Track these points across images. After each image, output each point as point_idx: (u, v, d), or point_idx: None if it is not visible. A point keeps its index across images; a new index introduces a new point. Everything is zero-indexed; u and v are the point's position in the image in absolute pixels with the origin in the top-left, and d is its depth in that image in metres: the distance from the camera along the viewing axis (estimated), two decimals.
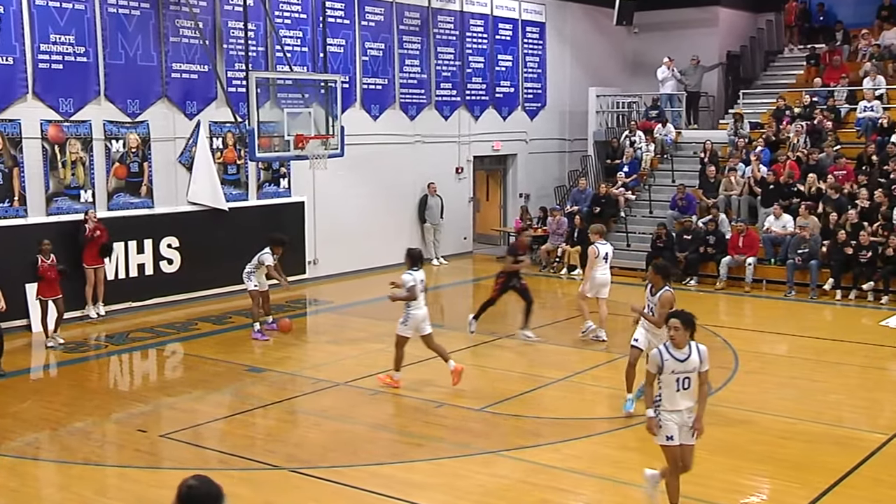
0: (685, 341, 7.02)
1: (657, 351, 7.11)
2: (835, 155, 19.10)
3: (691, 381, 7.05)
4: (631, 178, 21.36)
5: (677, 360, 6.99)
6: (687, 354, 7.02)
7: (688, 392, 7.07)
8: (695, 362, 7.03)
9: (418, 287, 10.79)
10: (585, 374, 11.81)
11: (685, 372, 7.00)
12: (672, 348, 7.01)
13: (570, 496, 8.03)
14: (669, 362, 6.98)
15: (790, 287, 17.09)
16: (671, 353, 7.00)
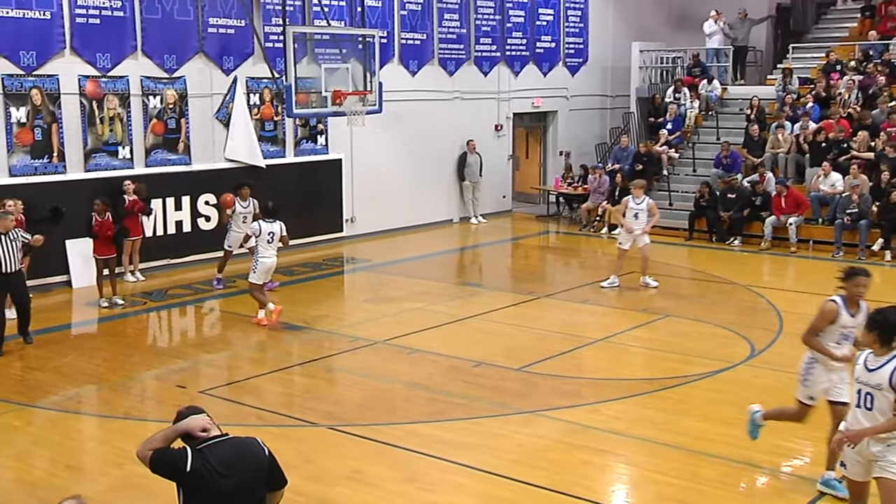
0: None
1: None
2: (889, 111, 18.53)
3: (875, 399, 5.61)
4: (674, 135, 20.95)
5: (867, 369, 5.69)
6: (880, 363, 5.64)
7: (870, 414, 5.65)
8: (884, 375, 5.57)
9: (264, 237, 11.94)
10: (625, 334, 11.63)
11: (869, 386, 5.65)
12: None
13: (610, 457, 7.91)
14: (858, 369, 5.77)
15: (838, 247, 16.70)
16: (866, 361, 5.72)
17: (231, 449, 4.48)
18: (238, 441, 4.56)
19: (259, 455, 4.54)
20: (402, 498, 7.00)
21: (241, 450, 4.52)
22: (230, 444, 4.50)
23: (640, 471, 7.69)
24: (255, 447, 4.58)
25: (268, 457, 4.57)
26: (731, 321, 12.21)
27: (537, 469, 7.52)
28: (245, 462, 4.47)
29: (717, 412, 8.80)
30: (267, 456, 4.56)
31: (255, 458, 4.52)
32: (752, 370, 10.19)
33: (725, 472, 7.45)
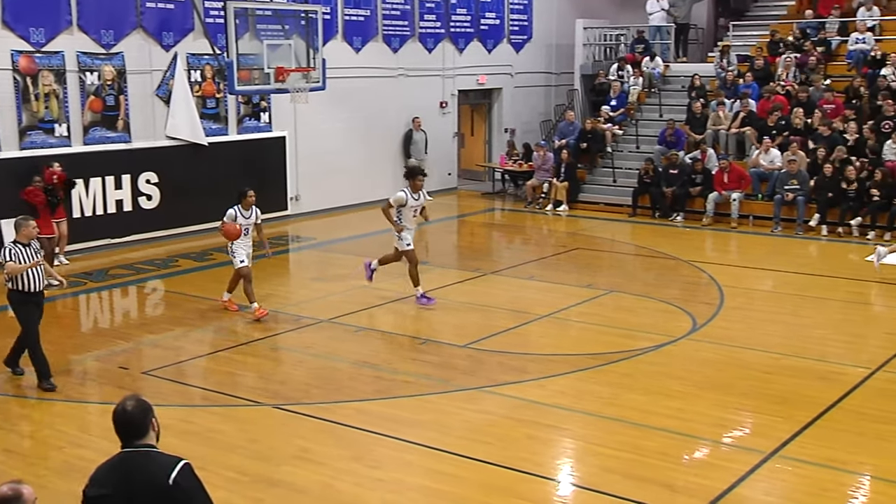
0: None
1: None
2: (824, 88, 18.88)
3: None
4: (618, 112, 21.11)
5: None
6: None
7: None
8: None
9: (242, 223, 11.28)
10: (570, 310, 11.73)
11: None
12: None
13: (556, 431, 7.99)
14: None
15: (776, 222, 17.02)
16: None
17: (112, 471, 4.03)
18: (131, 458, 4.04)
19: (154, 479, 3.96)
20: (349, 476, 7.00)
21: (129, 468, 4.01)
22: (119, 460, 4.05)
23: (585, 444, 7.78)
24: (153, 469, 3.98)
25: (171, 485, 3.93)
26: (673, 296, 12.39)
27: (483, 444, 7.57)
28: (124, 482, 3.97)
29: (660, 386, 8.94)
30: (169, 484, 3.93)
31: (143, 480, 3.98)
32: (694, 344, 10.36)
33: (668, 443, 7.57)
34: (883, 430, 7.78)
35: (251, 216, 11.39)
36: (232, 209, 11.28)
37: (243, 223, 11.29)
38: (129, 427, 4.06)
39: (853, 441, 7.57)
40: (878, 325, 11.56)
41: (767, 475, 7.00)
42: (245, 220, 11.33)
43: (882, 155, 16.83)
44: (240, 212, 11.28)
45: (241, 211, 11.29)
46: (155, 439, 4.11)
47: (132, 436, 4.05)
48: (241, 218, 11.27)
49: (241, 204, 11.31)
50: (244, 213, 11.31)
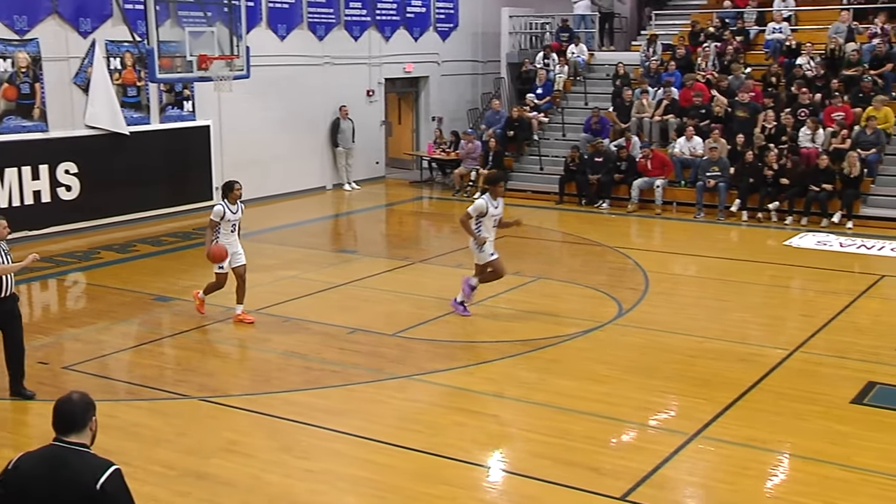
0: None
1: None
2: (744, 77, 19.31)
3: None
4: (544, 100, 21.27)
5: None
6: None
7: None
8: None
9: (231, 219, 10.39)
10: (499, 297, 11.80)
11: None
12: None
13: (484, 418, 8.04)
14: None
15: (699, 209, 17.37)
16: None
17: (40, 462, 3.91)
18: (62, 453, 3.90)
19: (81, 480, 3.83)
20: (279, 467, 6.95)
21: (58, 463, 3.87)
22: (49, 453, 3.93)
23: (514, 430, 7.86)
24: (82, 470, 3.85)
25: (98, 490, 3.79)
26: (600, 282, 12.56)
27: (413, 433, 7.59)
28: (50, 478, 3.84)
29: (588, 370, 9.06)
30: (96, 489, 3.79)
31: (70, 479, 3.85)
32: (620, 329, 10.52)
33: (595, 427, 7.68)
34: (800, 410, 8.02)
35: (238, 211, 10.49)
36: (219, 205, 10.40)
37: (231, 219, 10.40)
38: (68, 418, 3.96)
39: (772, 420, 7.79)
40: (795, 308, 11.90)
41: (691, 456, 7.16)
42: (233, 215, 10.41)
43: (798, 142, 17.29)
44: (227, 207, 10.33)
45: (229, 206, 10.34)
46: (90, 440, 4.01)
47: (68, 429, 3.95)
48: (228, 213, 10.33)
49: (227, 198, 10.39)
50: (231, 209, 10.37)
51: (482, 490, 6.79)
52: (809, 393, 8.44)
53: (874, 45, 18.66)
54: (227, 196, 10.43)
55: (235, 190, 10.41)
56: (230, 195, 10.40)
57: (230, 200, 10.40)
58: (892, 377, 8.82)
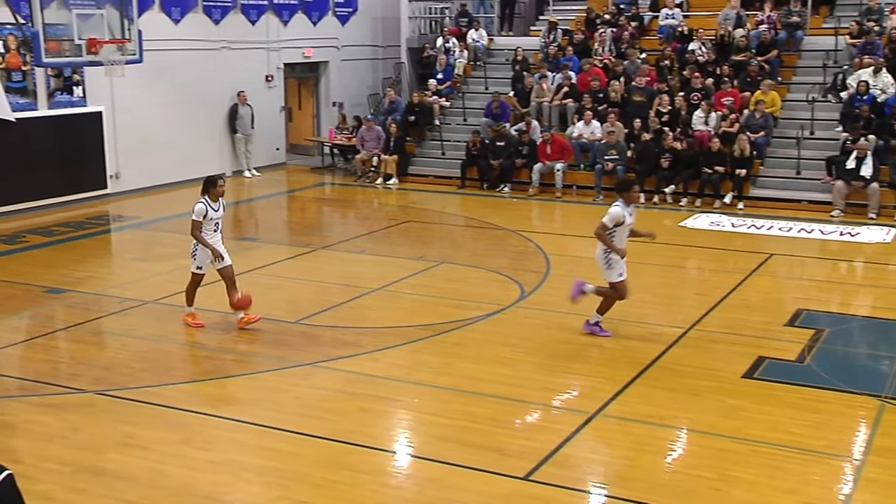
0: None
1: None
2: (639, 62, 19.70)
3: None
4: (445, 85, 21.31)
5: None
6: None
7: None
8: None
9: (213, 217, 9.69)
10: (402, 282, 11.82)
11: None
12: None
13: (389, 403, 8.04)
14: None
15: (598, 191, 17.68)
16: None
17: None
18: None
19: None
20: (179, 460, 6.82)
21: None
22: None
23: (418, 414, 7.88)
24: None
25: None
26: (502, 265, 12.68)
27: (317, 420, 7.54)
28: None
29: (491, 353, 9.15)
30: None
31: None
32: (522, 311, 10.65)
33: (498, 409, 7.77)
34: (696, 386, 8.26)
35: (220, 209, 9.74)
36: (200, 203, 9.56)
37: (214, 217, 9.63)
38: None
39: (669, 397, 8.00)
40: (690, 287, 12.24)
41: (592, 434, 7.31)
42: (215, 213, 9.66)
43: (692, 125, 17.75)
44: (209, 205, 9.58)
45: (210, 203, 9.60)
46: None
47: None
48: (210, 211, 9.57)
49: (208, 195, 9.62)
50: (213, 206, 9.63)
51: (387, 475, 6.80)
52: (704, 369, 8.70)
53: (761, 32, 19.27)
54: (208, 193, 9.63)
55: (218, 186, 9.64)
56: (212, 192, 9.62)
57: (212, 198, 9.61)
58: (781, 352, 9.17)
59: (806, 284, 12.31)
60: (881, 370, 8.66)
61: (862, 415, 7.64)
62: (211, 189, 9.65)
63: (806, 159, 17.09)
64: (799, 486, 6.38)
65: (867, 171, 15.82)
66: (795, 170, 17.13)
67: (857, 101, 17.02)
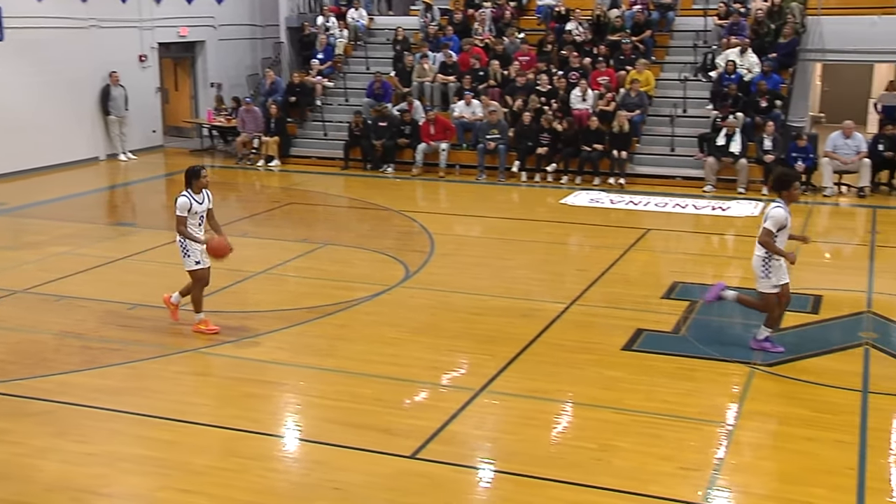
0: None
1: None
2: (519, 42, 19.92)
3: None
4: (326, 65, 21.07)
5: None
6: None
7: None
8: None
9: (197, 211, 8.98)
10: (286, 265, 11.68)
11: None
12: None
13: (275, 387, 7.95)
14: None
15: (481, 171, 17.84)
16: None
17: None
18: None
19: None
20: (54, 454, 6.58)
21: None
22: None
23: (304, 397, 7.82)
24: None
25: None
26: (387, 246, 12.67)
27: (200, 407, 7.41)
28: None
29: (377, 334, 9.14)
30: None
31: None
32: (407, 291, 10.67)
33: (385, 389, 7.78)
34: (577, 359, 8.45)
35: (204, 201, 9.00)
36: (182, 196, 8.85)
37: (198, 210, 8.90)
38: None
39: (552, 371, 8.17)
40: (572, 263, 12.50)
41: (477, 410, 7.39)
42: (199, 206, 8.90)
43: (570, 104, 18.07)
44: (192, 198, 8.85)
45: (193, 197, 8.86)
46: None
47: None
48: (195, 205, 8.84)
49: (191, 187, 8.89)
50: (197, 199, 8.89)
51: (273, 459, 6.72)
52: (585, 343, 8.91)
53: (634, 13, 19.73)
54: (191, 185, 8.91)
55: (202, 178, 8.91)
56: (195, 183, 8.91)
57: (195, 190, 8.92)
58: (658, 324, 9.47)
59: (681, 258, 12.73)
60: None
61: (733, 382, 7.96)
62: (194, 181, 8.91)
63: (679, 136, 17.64)
64: (675, 452, 6.61)
65: (736, 148, 16.45)
66: (670, 147, 17.66)
67: (726, 79, 17.65)
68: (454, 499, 6.00)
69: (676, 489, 6.09)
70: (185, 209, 8.83)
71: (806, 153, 16.20)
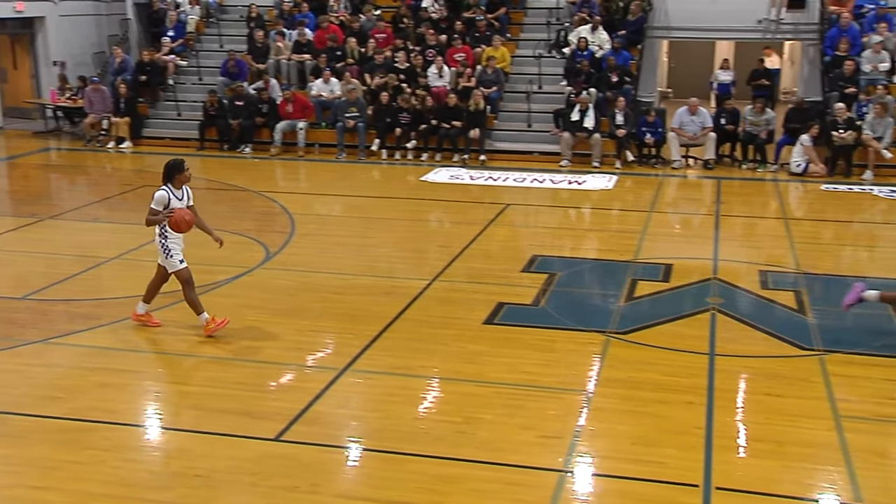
0: None
1: None
2: (375, 18, 19.83)
3: None
4: (177, 43, 20.42)
5: None
6: None
7: None
8: None
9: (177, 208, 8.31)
10: (140, 250, 11.29)
11: None
12: None
13: (132, 376, 7.71)
14: None
15: (341, 149, 17.72)
16: None
17: None
18: None
19: None
20: None
21: None
22: None
23: (163, 384, 7.63)
24: None
25: None
26: (247, 227, 12.44)
27: (51, 400, 7.10)
28: None
29: (238, 316, 8.94)
30: None
31: None
32: (268, 272, 10.52)
33: (247, 372, 7.66)
34: (440, 335, 8.54)
35: (184, 198, 8.37)
36: (162, 191, 8.19)
37: (176, 204, 8.27)
38: None
39: (415, 347, 8.22)
40: (433, 240, 12.59)
41: (341, 390, 7.38)
42: (179, 202, 8.27)
43: (428, 81, 18.14)
44: (172, 193, 8.22)
45: (173, 192, 8.24)
46: None
47: None
48: (174, 201, 8.22)
49: (172, 182, 8.24)
50: (177, 195, 8.27)
51: (131, 450, 6.52)
52: (447, 318, 9.00)
53: None
54: (171, 179, 8.25)
55: (185, 172, 8.29)
56: (177, 178, 8.27)
57: (176, 185, 8.27)
58: (518, 297, 9.66)
59: (540, 232, 13.01)
60: (607, 308, 9.35)
61: (591, 350, 8.21)
62: (176, 175, 8.26)
63: (536, 112, 17.98)
64: (536, 421, 6.78)
65: (590, 123, 16.90)
66: (527, 123, 17.99)
67: (579, 56, 18.08)
68: (319, 479, 5.98)
69: (538, 458, 6.25)
70: (163, 204, 8.20)
71: (655, 128, 16.82)
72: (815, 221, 13.47)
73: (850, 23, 17.64)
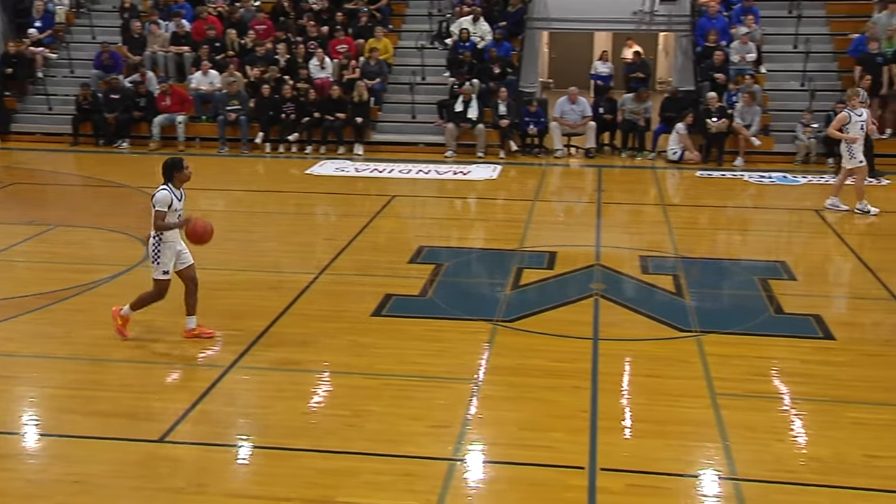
0: None
1: None
2: (254, 10, 19.49)
3: None
4: (46, 34, 19.62)
5: None
6: None
7: None
8: None
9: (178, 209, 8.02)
10: (11, 250, 10.87)
11: None
12: None
13: (5, 381, 7.39)
14: None
15: (223, 143, 17.38)
16: None
17: None
18: None
19: None
20: None
21: None
22: None
23: (39, 389, 7.32)
24: None
25: None
26: (126, 224, 12.09)
27: None
28: None
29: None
30: None
31: None
32: (149, 270, 10.18)
33: (128, 374, 7.46)
34: (328, 328, 8.48)
35: (182, 197, 8.01)
36: (163, 190, 7.80)
37: (178, 207, 7.90)
38: None
39: (303, 342, 8.14)
40: (320, 233, 12.51)
41: (228, 388, 7.24)
42: (179, 203, 7.91)
43: (311, 73, 17.95)
44: (173, 193, 7.83)
45: (174, 192, 7.85)
46: None
47: None
48: (175, 202, 7.83)
49: (171, 182, 7.85)
50: (177, 195, 7.88)
51: (5, 458, 6.19)
52: (335, 311, 8.95)
53: None
54: (171, 179, 7.86)
55: (185, 170, 7.91)
56: (178, 177, 7.89)
57: (176, 184, 7.89)
58: (406, 288, 9.67)
59: (427, 223, 13.06)
60: (494, 297, 9.45)
61: (479, 339, 8.28)
62: (176, 174, 7.88)
63: (420, 104, 18.03)
64: (425, 411, 6.81)
65: (473, 114, 17.04)
66: (411, 114, 18.01)
67: (461, 47, 18.20)
68: (206, 478, 5.86)
69: (428, 447, 6.28)
70: (166, 204, 7.79)
71: (537, 117, 17.09)
72: (692, 207, 13.93)
73: (717, 13, 18.29)
